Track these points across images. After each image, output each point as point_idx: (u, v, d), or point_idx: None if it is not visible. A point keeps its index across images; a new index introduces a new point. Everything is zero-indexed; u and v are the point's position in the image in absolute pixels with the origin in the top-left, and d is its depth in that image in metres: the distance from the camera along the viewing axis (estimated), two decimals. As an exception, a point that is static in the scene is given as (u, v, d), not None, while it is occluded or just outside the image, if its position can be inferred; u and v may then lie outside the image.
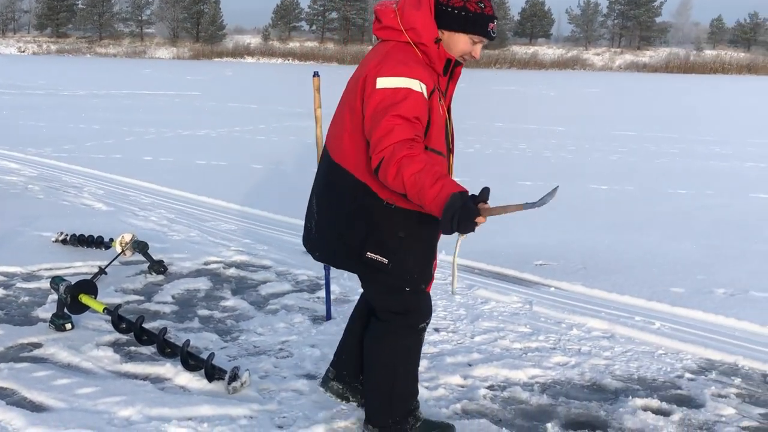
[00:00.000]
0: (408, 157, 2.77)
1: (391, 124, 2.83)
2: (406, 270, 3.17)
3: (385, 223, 3.10)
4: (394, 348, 3.33)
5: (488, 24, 3.04)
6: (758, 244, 7.22)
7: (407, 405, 3.40)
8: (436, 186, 2.72)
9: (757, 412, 3.84)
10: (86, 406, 3.67)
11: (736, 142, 16.04)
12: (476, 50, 3.10)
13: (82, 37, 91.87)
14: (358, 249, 3.13)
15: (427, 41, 2.99)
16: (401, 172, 2.76)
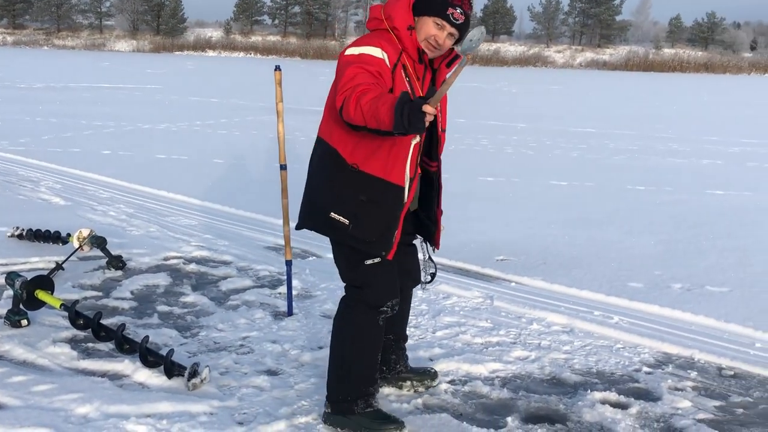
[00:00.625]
0: (365, 89, 2.95)
1: (353, 71, 3.06)
2: (365, 233, 3.33)
3: (349, 186, 3.30)
4: (349, 323, 3.50)
5: (448, 8, 3.22)
6: (714, 240, 7.35)
7: (359, 387, 3.49)
8: (389, 99, 2.85)
9: (713, 405, 3.91)
10: (42, 403, 3.62)
11: (694, 140, 16.31)
12: (440, 36, 3.26)
13: (40, 29, 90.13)
14: (325, 209, 3.36)
15: (399, 26, 3.25)
16: (360, 102, 2.92)
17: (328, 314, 5.05)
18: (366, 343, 3.50)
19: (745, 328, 4.97)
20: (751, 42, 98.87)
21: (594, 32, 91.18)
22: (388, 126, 2.84)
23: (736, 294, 5.68)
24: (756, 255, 6.82)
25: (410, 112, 2.77)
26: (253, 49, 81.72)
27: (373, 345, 3.52)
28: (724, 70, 72.78)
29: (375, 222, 3.32)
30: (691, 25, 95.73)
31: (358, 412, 3.49)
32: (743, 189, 10.36)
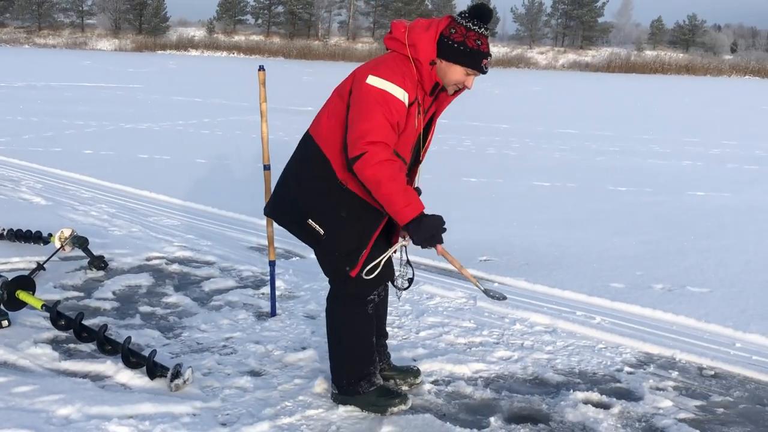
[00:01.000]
0: (387, 162, 3.17)
1: (378, 122, 3.18)
2: (336, 247, 3.48)
3: (332, 198, 3.42)
4: (338, 313, 3.65)
5: (482, 60, 3.36)
6: (695, 241, 7.41)
7: (360, 369, 3.68)
8: (408, 196, 3.19)
9: (694, 405, 3.94)
10: (23, 404, 3.59)
11: (675, 141, 16.42)
12: (469, 81, 3.42)
13: (21, 27, 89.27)
14: (303, 214, 3.47)
15: (423, 59, 3.31)
16: (378, 174, 3.15)
17: (311, 315, 5.05)
18: (358, 331, 3.65)
19: (726, 328, 5.02)
20: (731, 44, 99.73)
21: (576, 34, 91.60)
22: (398, 220, 3.23)
23: (716, 294, 5.73)
24: (736, 256, 6.89)
25: (426, 239, 3.26)
26: (236, 49, 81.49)
27: (366, 331, 3.67)
28: (704, 72, 73.39)
29: (348, 238, 3.45)
30: (673, 27, 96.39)
31: (363, 391, 3.69)
32: (723, 190, 10.45)
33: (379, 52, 78.24)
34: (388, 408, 3.69)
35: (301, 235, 3.57)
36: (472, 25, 3.33)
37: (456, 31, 3.33)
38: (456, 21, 3.35)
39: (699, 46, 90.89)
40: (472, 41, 3.32)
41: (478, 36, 3.34)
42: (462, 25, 3.33)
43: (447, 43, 3.32)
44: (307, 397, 3.84)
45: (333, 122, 3.40)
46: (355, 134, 3.19)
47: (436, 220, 3.29)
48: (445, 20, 3.37)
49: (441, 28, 3.34)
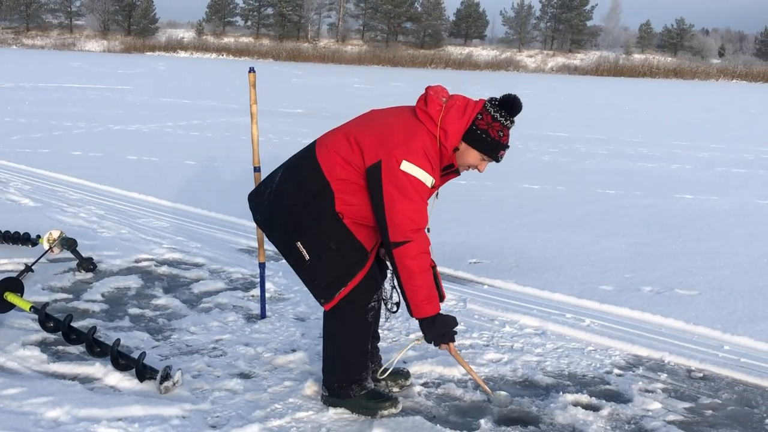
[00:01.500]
0: (425, 255, 3.38)
1: (414, 208, 3.31)
2: (316, 276, 3.50)
3: (326, 228, 3.42)
4: (337, 319, 3.62)
5: (500, 151, 3.49)
6: (683, 244, 7.44)
7: (351, 374, 3.69)
8: (430, 293, 3.42)
9: (682, 407, 3.96)
10: (11, 407, 3.57)
11: (663, 145, 16.49)
12: (482, 166, 3.54)
13: (8, 28, 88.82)
14: (293, 234, 3.47)
15: (448, 146, 3.42)
16: (415, 266, 3.34)
17: (301, 317, 5.05)
18: (355, 337, 3.66)
19: (714, 330, 5.04)
20: (719, 48, 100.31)
21: (565, 37, 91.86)
22: (414, 312, 3.44)
23: (704, 297, 5.75)
24: (724, 258, 6.92)
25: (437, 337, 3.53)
26: (226, 51, 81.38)
27: (363, 338, 3.69)
28: (692, 75, 73.72)
29: (331, 270, 3.47)
30: (661, 31, 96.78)
31: (353, 395, 3.71)
32: (712, 193, 10.50)
33: (368, 55, 78.30)
34: (378, 411, 3.69)
35: (286, 254, 3.57)
36: (499, 116, 3.43)
37: (482, 118, 3.42)
38: (485, 108, 3.44)
39: (687, 50, 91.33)
40: (495, 131, 3.43)
41: (502, 127, 3.45)
42: (489, 114, 3.43)
43: (471, 128, 3.42)
44: (297, 399, 3.83)
45: (340, 157, 3.39)
46: (398, 219, 3.29)
47: (449, 320, 3.51)
48: (479, 105, 3.46)
49: (474, 114, 3.43)
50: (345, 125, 3.59)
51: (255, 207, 3.71)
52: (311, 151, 3.52)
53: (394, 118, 3.51)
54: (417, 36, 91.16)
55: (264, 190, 3.66)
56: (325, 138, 3.56)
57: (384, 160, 3.31)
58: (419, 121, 3.43)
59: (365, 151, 3.36)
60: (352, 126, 3.54)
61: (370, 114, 3.64)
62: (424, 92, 3.51)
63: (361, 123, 3.55)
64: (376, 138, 3.38)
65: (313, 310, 5.14)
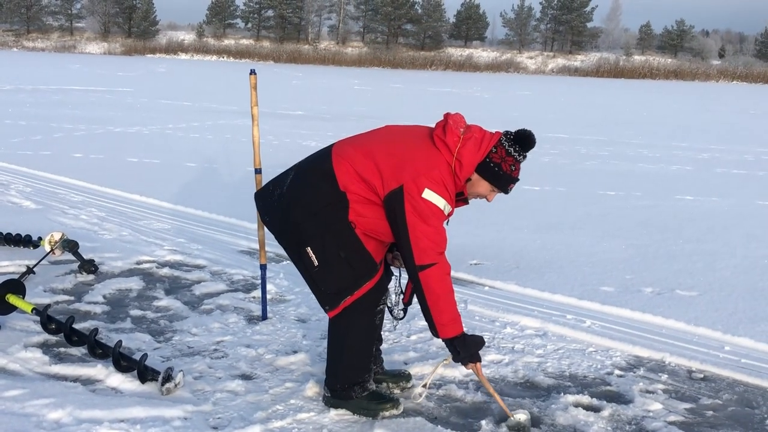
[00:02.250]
0: (449, 276, 3.46)
1: (437, 233, 3.39)
2: (323, 283, 3.52)
3: (337, 236, 3.44)
4: (345, 320, 3.62)
5: (510, 184, 3.57)
6: (684, 245, 7.45)
7: (355, 376, 3.71)
8: (455, 314, 3.49)
9: (683, 407, 3.97)
10: (14, 408, 3.58)
11: (663, 146, 16.50)
12: (491, 196, 3.64)
13: (9, 30, 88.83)
14: (302, 240, 3.48)
15: (461, 177, 3.49)
16: (441, 287, 3.41)
17: (302, 318, 5.06)
18: (362, 340, 3.70)
19: (714, 331, 5.05)
20: (719, 49, 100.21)
21: (565, 39, 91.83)
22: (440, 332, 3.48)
23: (705, 298, 5.76)
24: (724, 259, 6.93)
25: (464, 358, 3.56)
26: (226, 53, 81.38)
27: (369, 340, 3.73)
28: (693, 77, 73.71)
29: (339, 279, 3.50)
30: (661, 33, 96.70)
31: (355, 396, 3.73)
32: (712, 194, 10.51)
33: (368, 57, 78.29)
34: (379, 412, 3.71)
35: (294, 258, 3.59)
36: (513, 150, 3.51)
37: (497, 152, 3.49)
38: (500, 142, 3.50)
39: (687, 52, 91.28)
40: (507, 166, 3.50)
41: (514, 162, 3.52)
42: (504, 148, 3.49)
43: (485, 161, 3.49)
44: (299, 400, 3.84)
45: (355, 171, 3.42)
46: (423, 243, 3.35)
47: (477, 339, 3.59)
48: (495, 139, 3.52)
49: (489, 147, 3.49)
50: (363, 142, 3.57)
51: (263, 207, 3.71)
52: (327, 161, 3.51)
53: (414, 142, 3.52)
54: (417, 38, 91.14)
55: (273, 190, 3.65)
56: (342, 150, 3.54)
57: (406, 187, 3.35)
58: (438, 150, 3.46)
59: (384, 173, 3.39)
60: (371, 143, 3.53)
61: (388, 132, 3.64)
62: (444, 120, 3.53)
63: (380, 143, 3.54)
64: (396, 162, 3.41)
65: (314, 312, 5.15)
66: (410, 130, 3.64)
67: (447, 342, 3.55)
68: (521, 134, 3.54)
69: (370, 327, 3.71)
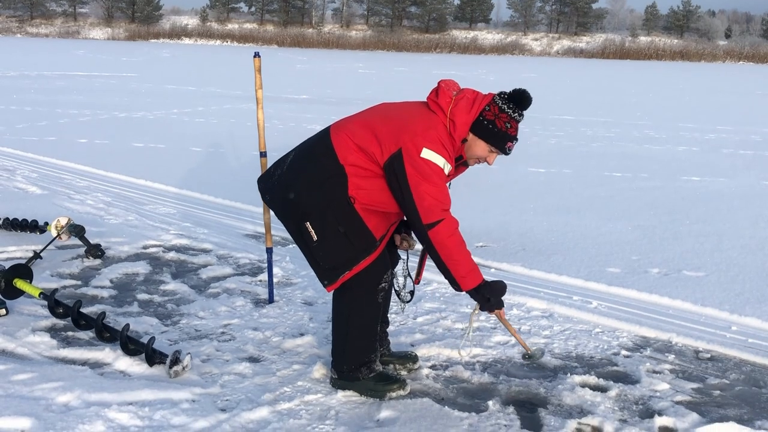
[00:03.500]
0: (458, 230, 3.47)
1: (439, 191, 3.39)
2: (321, 257, 3.53)
3: (336, 210, 3.44)
4: (347, 300, 3.65)
5: (507, 142, 3.52)
6: (690, 226, 7.43)
7: (361, 357, 3.72)
8: (472, 264, 3.51)
9: (690, 387, 3.97)
10: (22, 392, 3.59)
11: (670, 127, 16.43)
12: (491, 158, 3.58)
13: (13, 16, 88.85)
14: (302, 215, 3.50)
15: (456, 137, 3.47)
16: (453, 241, 3.42)
17: (309, 301, 5.06)
18: (366, 319, 3.69)
19: (722, 311, 5.04)
20: (725, 30, 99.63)
21: (571, 20, 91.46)
22: (461, 284, 3.48)
23: (712, 278, 5.75)
24: (731, 240, 6.91)
25: (495, 305, 3.55)
26: (230, 37, 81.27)
27: (373, 319, 3.72)
28: (699, 57, 73.38)
29: (336, 253, 3.51)
30: (667, 13, 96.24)
31: (362, 377, 3.74)
32: (719, 175, 10.47)
33: (372, 40, 78.10)
34: (386, 393, 3.72)
35: (294, 234, 3.60)
36: (507, 107, 3.48)
37: (490, 110, 3.47)
38: (494, 100, 3.49)
39: (693, 32, 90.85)
40: (502, 122, 3.47)
41: (509, 119, 3.48)
42: (497, 106, 3.47)
43: (479, 119, 3.47)
44: (306, 382, 3.85)
45: (354, 142, 3.43)
46: (427, 201, 3.35)
47: (500, 284, 3.57)
48: (487, 98, 3.50)
49: (482, 106, 3.48)
50: (360, 114, 3.62)
51: (264, 188, 3.73)
52: (326, 136, 3.54)
53: (409, 109, 3.55)
54: (422, 20, 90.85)
55: (274, 171, 3.67)
56: (339, 124, 3.59)
57: (404, 149, 3.35)
58: (433, 113, 3.48)
59: (382, 139, 3.40)
60: (367, 115, 3.58)
61: (383, 106, 3.67)
62: (437, 85, 3.55)
63: (376, 113, 3.58)
64: (393, 127, 3.42)
65: (320, 295, 5.16)
66: (406, 102, 3.68)
67: (472, 292, 3.53)
68: (516, 92, 3.51)
69: (372, 305, 3.69)
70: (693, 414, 3.63)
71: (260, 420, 3.47)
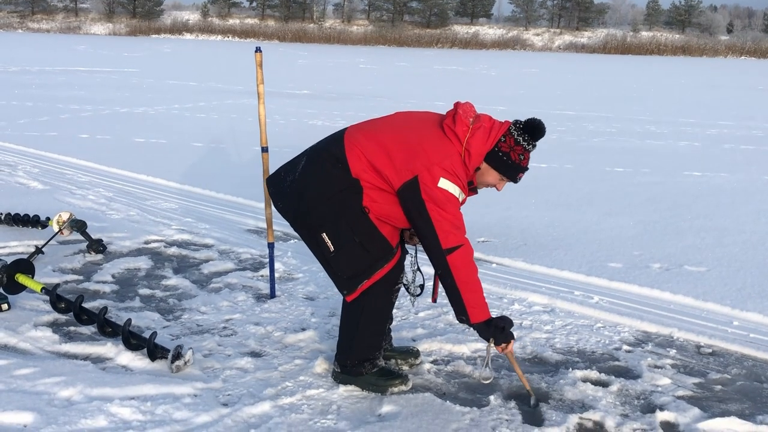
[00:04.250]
0: (473, 258, 3.50)
1: (457, 218, 3.44)
2: (340, 267, 3.54)
3: (351, 220, 3.46)
4: (362, 298, 3.61)
5: (519, 173, 3.56)
6: (692, 221, 7.43)
7: (366, 353, 3.74)
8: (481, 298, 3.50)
9: (691, 382, 3.97)
10: (25, 387, 3.60)
11: (671, 122, 16.42)
12: (500, 185, 3.62)
13: (14, 12, 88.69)
14: (317, 226, 3.51)
15: (471, 167, 3.50)
16: (470, 269, 3.45)
17: (310, 296, 5.07)
18: (378, 316, 3.73)
19: (723, 306, 5.04)
20: (727, 25, 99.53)
21: (572, 15, 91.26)
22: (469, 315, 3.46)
23: (713, 273, 5.75)
24: (732, 235, 6.91)
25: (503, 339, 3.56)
26: (231, 32, 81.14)
27: (384, 317, 3.77)
28: (701, 52, 73.24)
29: (353, 263, 3.52)
30: (669, 8, 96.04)
31: (365, 373, 3.75)
32: (720, 170, 10.46)
33: (374, 35, 77.97)
34: (388, 388, 3.73)
35: (310, 244, 3.61)
36: (522, 139, 3.48)
37: (505, 141, 3.48)
38: (509, 131, 3.49)
39: (695, 27, 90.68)
40: (516, 155, 3.49)
41: (523, 151, 3.50)
42: (513, 137, 3.48)
43: (494, 150, 3.48)
44: (308, 377, 3.86)
45: (368, 159, 3.43)
46: (446, 226, 3.39)
47: (506, 321, 3.57)
48: (503, 128, 3.50)
49: (498, 137, 3.48)
50: (374, 129, 3.55)
51: (275, 193, 3.69)
52: (339, 147, 3.49)
53: (425, 131, 3.50)
54: (423, 15, 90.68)
55: (285, 176, 3.64)
56: (354, 137, 3.52)
57: (420, 178, 3.35)
58: (449, 140, 3.46)
59: (396, 164, 3.39)
60: (383, 132, 3.51)
61: (398, 120, 3.62)
62: (453, 109, 3.52)
63: (391, 131, 3.52)
64: (408, 152, 3.40)
65: (322, 290, 5.17)
66: (421, 118, 3.63)
67: (480, 326, 3.51)
68: (530, 123, 3.51)
69: (386, 306, 3.73)
70: (694, 409, 3.64)
71: (262, 414, 3.47)
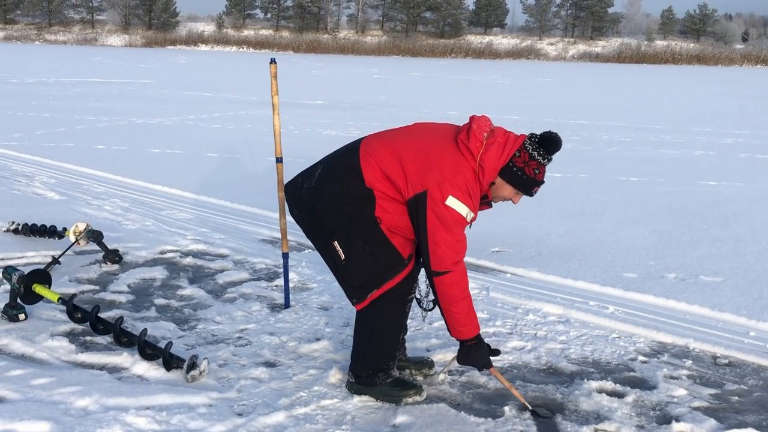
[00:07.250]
0: (464, 282, 3.48)
1: (456, 240, 3.41)
2: (350, 275, 3.56)
3: (363, 230, 3.47)
4: (375, 308, 3.63)
5: (534, 187, 3.55)
6: (707, 230, 7.39)
7: (380, 363, 3.74)
8: (470, 318, 3.53)
9: (708, 393, 3.95)
10: (41, 396, 3.63)
11: (686, 131, 16.35)
12: (516, 198, 3.61)
13: (31, 24, 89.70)
14: (329, 233, 3.53)
15: (484, 182, 3.48)
16: (455, 294, 3.45)
17: (325, 306, 5.08)
18: (392, 326, 3.72)
19: (739, 317, 5.01)
20: (742, 33, 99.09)
21: (586, 24, 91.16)
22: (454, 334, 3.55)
23: (729, 283, 5.72)
24: (748, 245, 6.87)
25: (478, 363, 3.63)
26: (246, 43, 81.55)
27: (398, 327, 3.76)
28: (716, 61, 72.91)
29: (363, 272, 3.53)
30: (683, 17, 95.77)
31: (380, 383, 3.76)
32: (735, 180, 10.41)
33: (387, 46, 78.14)
34: (402, 398, 3.73)
35: (322, 252, 3.64)
36: (537, 154, 3.47)
37: (520, 156, 3.46)
38: (524, 145, 3.47)
39: (710, 36, 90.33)
40: (531, 170, 3.48)
41: (538, 165, 3.49)
42: (528, 152, 3.46)
43: (508, 165, 3.47)
44: (322, 387, 3.86)
45: (381, 169, 3.44)
46: (440, 251, 3.38)
47: (481, 354, 3.60)
48: (518, 143, 3.48)
49: (513, 152, 3.46)
50: (390, 139, 3.56)
51: (292, 200, 3.71)
52: (355, 157, 3.51)
53: (440, 145, 3.49)
54: (437, 25, 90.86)
55: (302, 183, 3.67)
56: (370, 147, 3.53)
57: (429, 192, 3.36)
58: (463, 155, 3.45)
59: (408, 175, 3.40)
60: (398, 143, 3.51)
61: (415, 131, 3.62)
62: (468, 123, 3.52)
63: (407, 142, 3.51)
64: (421, 165, 3.40)
65: (336, 300, 5.17)
66: (438, 131, 3.62)
67: (461, 343, 3.61)
68: (546, 137, 3.49)
69: (400, 315, 3.73)
70: (711, 420, 3.62)
71: (277, 425, 3.48)
